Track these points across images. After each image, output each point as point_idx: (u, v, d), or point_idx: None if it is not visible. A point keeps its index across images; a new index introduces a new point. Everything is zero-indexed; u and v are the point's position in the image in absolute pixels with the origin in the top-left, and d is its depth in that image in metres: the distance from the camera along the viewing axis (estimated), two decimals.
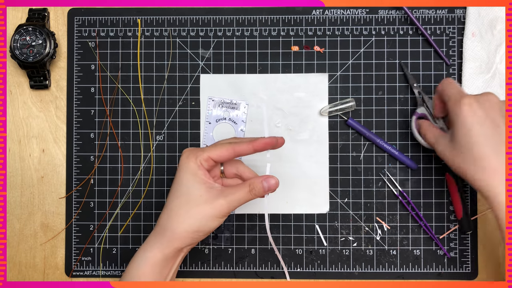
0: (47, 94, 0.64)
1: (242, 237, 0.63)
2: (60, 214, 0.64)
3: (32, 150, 0.64)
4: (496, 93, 0.61)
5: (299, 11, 0.63)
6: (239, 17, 0.64)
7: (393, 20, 0.63)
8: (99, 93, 0.64)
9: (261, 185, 0.50)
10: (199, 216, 0.50)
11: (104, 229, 0.63)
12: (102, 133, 0.64)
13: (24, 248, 0.64)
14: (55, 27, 0.64)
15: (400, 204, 0.62)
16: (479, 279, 0.62)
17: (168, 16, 0.64)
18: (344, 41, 0.63)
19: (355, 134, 0.63)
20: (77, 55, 0.64)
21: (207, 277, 0.63)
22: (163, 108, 0.64)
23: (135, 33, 0.64)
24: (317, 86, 0.63)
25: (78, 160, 0.64)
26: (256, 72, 0.63)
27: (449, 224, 0.62)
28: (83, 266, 0.63)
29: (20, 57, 0.61)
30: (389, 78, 0.63)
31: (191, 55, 0.64)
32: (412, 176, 0.63)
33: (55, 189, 0.64)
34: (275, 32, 0.64)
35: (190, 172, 0.50)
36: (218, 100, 0.63)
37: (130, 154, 0.64)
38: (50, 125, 0.64)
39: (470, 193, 0.62)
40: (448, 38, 0.63)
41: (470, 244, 0.62)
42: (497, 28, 0.62)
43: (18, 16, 0.64)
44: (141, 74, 0.64)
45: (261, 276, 0.63)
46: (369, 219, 0.63)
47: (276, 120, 0.63)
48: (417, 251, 0.62)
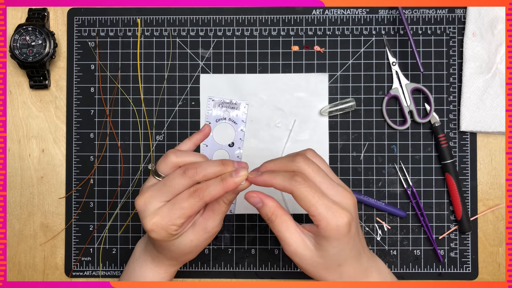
0: (46, 94, 0.64)
1: (242, 237, 0.63)
2: (59, 214, 0.64)
3: (32, 150, 0.64)
4: (496, 93, 0.61)
5: (299, 11, 0.63)
6: (239, 17, 0.64)
7: (393, 20, 0.63)
8: (99, 93, 0.64)
9: (228, 191, 0.46)
10: (180, 246, 0.49)
11: (104, 229, 0.63)
12: (102, 133, 0.64)
13: (24, 248, 0.64)
14: (55, 27, 0.64)
15: (402, 204, 0.62)
16: (479, 279, 0.62)
17: (168, 16, 0.64)
18: (344, 41, 0.63)
19: (355, 134, 0.63)
20: (77, 55, 0.64)
21: (207, 277, 0.63)
22: (163, 108, 0.64)
23: (135, 33, 0.64)
24: (317, 86, 0.63)
25: (78, 160, 0.64)
26: (256, 72, 0.63)
27: (449, 224, 0.62)
28: (83, 266, 0.63)
29: (20, 57, 0.61)
30: (389, 78, 0.63)
31: (191, 55, 0.64)
32: (412, 176, 0.63)
33: (54, 189, 0.64)
34: (275, 32, 0.63)
35: (171, 235, 0.48)
36: (218, 100, 0.63)
37: (130, 154, 0.64)
38: (50, 125, 0.64)
39: (470, 194, 0.62)
40: (449, 38, 0.63)
41: (470, 244, 0.62)
42: (497, 28, 0.61)
43: (18, 16, 0.64)
44: (141, 74, 0.64)
45: (261, 276, 0.63)
46: (369, 219, 0.63)
47: (276, 120, 0.63)
48: (417, 251, 0.62)
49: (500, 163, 0.63)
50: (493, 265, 0.62)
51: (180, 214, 0.45)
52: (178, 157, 0.47)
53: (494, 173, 0.63)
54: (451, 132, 0.63)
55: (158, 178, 0.48)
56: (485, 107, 0.61)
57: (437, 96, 0.63)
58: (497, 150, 0.63)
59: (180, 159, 0.47)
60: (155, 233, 0.46)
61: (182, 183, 0.45)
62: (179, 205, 0.45)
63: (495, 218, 0.62)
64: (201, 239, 0.49)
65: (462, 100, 0.62)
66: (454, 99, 0.63)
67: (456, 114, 0.63)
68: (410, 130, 0.63)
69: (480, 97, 0.61)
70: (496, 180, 0.63)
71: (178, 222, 0.46)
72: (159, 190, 0.46)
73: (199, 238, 0.48)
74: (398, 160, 0.63)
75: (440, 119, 0.62)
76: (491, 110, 0.61)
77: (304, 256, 0.45)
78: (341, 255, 0.45)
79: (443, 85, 0.63)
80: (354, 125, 0.63)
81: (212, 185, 0.44)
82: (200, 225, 0.48)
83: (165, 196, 0.46)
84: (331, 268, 0.46)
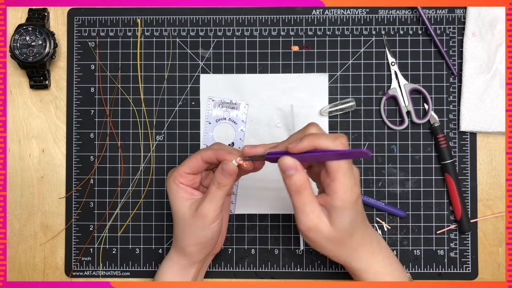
0: (47, 94, 0.64)
1: (242, 237, 0.63)
2: (60, 214, 0.64)
3: (32, 150, 0.64)
4: (496, 93, 0.61)
5: (299, 11, 0.63)
6: (239, 17, 0.64)
7: (393, 20, 0.63)
8: (99, 93, 0.64)
9: (217, 172, 0.49)
10: (190, 231, 0.51)
11: (104, 229, 0.63)
12: (102, 133, 0.64)
13: (24, 248, 0.64)
14: (55, 27, 0.64)
15: (402, 204, 0.62)
16: (479, 279, 0.62)
17: (168, 16, 0.64)
18: (344, 41, 0.63)
19: (355, 134, 0.63)
20: (77, 55, 0.64)
21: (207, 277, 0.63)
22: (163, 108, 0.64)
23: (135, 33, 0.64)
24: (317, 86, 0.63)
25: (78, 160, 0.64)
26: (256, 72, 0.63)
27: (449, 224, 0.62)
28: (83, 266, 0.63)
29: (20, 57, 0.61)
30: (389, 78, 0.63)
31: (191, 55, 0.64)
32: (412, 176, 0.63)
33: (55, 189, 0.64)
34: (275, 32, 0.64)
35: (172, 194, 0.52)
36: (218, 100, 0.63)
37: (130, 154, 0.64)
38: (50, 125, 0.64)
39: (470, 194, 0.62)
40: (448, 38, 0.63)
41: (470, 244, 0.62)
42: (497, 28, 0.61)
43: (18, 16, 0.64)
44: (141, 74, 0.64)
45: (261, 276, 0.63)
46: (369, 219, 0.63)
47: (276, 120, 0.63)
48: (417, 251, 0.62)
49: (500, 163, 0.63)
50: (493, 265, 0.62)
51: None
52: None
53: (494, 173, 0.63)
54: (451, 132, 0.63)
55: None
56: (485, 107, 0.61)
57: (437, 96, 0.63)
58: (497, 150, 0.63)
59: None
60: (167, 178, 0.53)
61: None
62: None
63: (495, 218, 0.62)
64: (201, 226, 0.50)
65: (462, 100, 0.62)
66: (454, 99, 0.63)
67: (456, 114, 0.63)
68: (410, 130, 0.63)
69: (480, 97, 0.61)
70: (496, 180, 0.63)
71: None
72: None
73: (199, 225, 0.50)
74: (398, 160, 0.63)
75: (440, 119, 0.62)
76: (491, 110, 0.61)
77: (322, 231, 0.46)
78: (353, 224, 0.47)
79: (443, 85, 0.63)
80: (354, 125, 0.63)
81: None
82: (199, 211, 0.50)
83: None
84: (344, 240, 0.47)
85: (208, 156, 0.50)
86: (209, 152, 0.50)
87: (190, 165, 0.51)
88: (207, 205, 0.49)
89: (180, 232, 0.52)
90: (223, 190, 0.49)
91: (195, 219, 0.50)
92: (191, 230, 0.51)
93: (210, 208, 0.49)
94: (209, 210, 0.49)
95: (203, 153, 0.50)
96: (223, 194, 0.49)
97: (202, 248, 0.52)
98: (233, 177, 0.48)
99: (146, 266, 0.63)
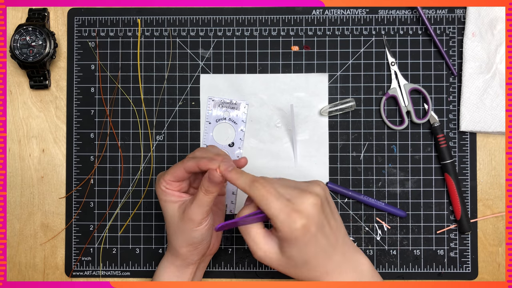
0: (47, 94, 0.64)
1: (242, 237, 0.63)
2: (60, 214, 0.64)
3: (32, 150, 0.64)
4: (496, 93, 0.61)
5: (299, 11, 0.63)
6: (239, 17, 0.64)
7: (393, 20, 0.63)
8: (99, 93, 0.64)
9: (204, 180, 0.49)
10: (180, 233, 0.52)
11: (104, 229, 0.64)
12: (102, 133, 0.64)
13: (24, 248, 0.64)
14: (55, 27, 0.64)
15: (401, 204, 0.62)
16: (479, 279, 0.62)
17: (168, 16, 0.64)
18: (344, 41, 0.63)
19: (355, 134, 0.63)
20: (77, 55, 0.64)
21: (207, 277, 0.63)
22: (163, 108, 0.64)
23: (135, 33, 0.64)
24: (317, 86, 0.63)
25: (78, 160, 0.64)
26: (256, 72, 0.63)
27: (449, 224, 0.62)
28: (83, 266, 0.63)
29: (20, 57, 0.61)
30: (389, 78, 0.63)
31: (191, 55, 0.64)
32: (412, 176, 0.63)
33: (55, 189, 0.64)
34: (275, 32, 0.64)
35: (160, 198, 0.53)
36: (218, 100, 0.63)
37: (130, 154, 0.64)
38: (50, 125, 0.64)
39: (470, 194, 0.62)
40: (448, 38, 0.63)
41: (470, 244, 0.62)
42: (497, 28, 0.62)
43: (18, 16, 0.64)
44: (141, 74, 0.64)
45: (261, 276, 0.63)
46: (369, 219, 0.63)
47: (276, 120, 0.63)
48: (417, 251, 0.62)
49: (500, 163, 0.63)
50: (493, 265, 0.62)
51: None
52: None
53: (494, 173, 0.63)
54: (451, 132, 0.63)
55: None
56: (484, 107, 0.61)
57: (436, 96, 0.63)
58: (497, 150, 0.63)
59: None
60: (156, 183, 0.54)
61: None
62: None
63: (495, 218, 0.63)
64: (189, 229, 0.51)
65: (461, 100, 0.62)
66: (454, 99, 0.63)
67: (456, 114, 0.63)
68: (409, 130, 0.63)
69: (479, 97, 0.61)
70: (496, 180, 0.63)
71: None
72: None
73: (187, 227, 0.51)
74: (398, 160, 0.63)
75: (439, 119, 0.63)
76: (491, 110, 0.61)
77: (271, 259, 0.47)
78: (304, 254, 0.46)
79: (443, 85, 0.63)
80: (354, 125, 0.63)
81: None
82: (186, 214, 0.50)
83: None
84: (299, 265, 0.47)
85: (190, 166, 0.50)
86: (190, 163, 0.50)
87: (174, 174, 0.51)
88: (195, 209, 0.50)
89: (171, 233, 0.53)
90: (211, 196, 0.49)
91: (183, 221, 0.51)
92: (181, 232, 0.52)
93: (197, 212, 0.50)
94: (196, 214, 0.50)
95: (186, 164, 0.50)
96: (210, 199, 0.49)
97: (194, 249, 0.53)
98: (219, 185, 0.49)
99: (146, 266, 0.63)
